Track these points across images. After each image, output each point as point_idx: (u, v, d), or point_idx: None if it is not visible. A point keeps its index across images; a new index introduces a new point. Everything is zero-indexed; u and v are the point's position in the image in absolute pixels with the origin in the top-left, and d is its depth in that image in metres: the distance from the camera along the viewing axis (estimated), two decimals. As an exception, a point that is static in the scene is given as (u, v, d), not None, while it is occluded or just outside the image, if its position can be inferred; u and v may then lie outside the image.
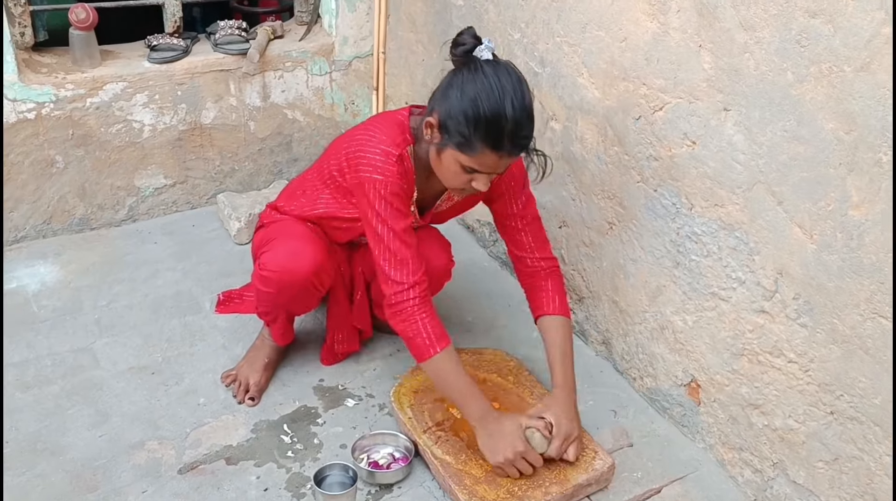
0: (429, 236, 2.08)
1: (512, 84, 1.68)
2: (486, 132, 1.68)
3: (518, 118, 1.67)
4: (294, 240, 1.99)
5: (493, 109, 1.66)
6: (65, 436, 2.01)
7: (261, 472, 1.94)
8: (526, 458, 1.80)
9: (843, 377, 1.60)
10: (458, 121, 1.70)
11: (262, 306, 2.11)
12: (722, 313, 1.86)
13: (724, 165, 1.75)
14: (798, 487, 1.76)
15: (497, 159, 1.72)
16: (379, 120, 1.95)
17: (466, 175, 1.77)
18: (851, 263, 1.52)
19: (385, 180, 1.81)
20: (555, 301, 2.00)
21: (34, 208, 2.68)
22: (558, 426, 1.84)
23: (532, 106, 1.71)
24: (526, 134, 1.72)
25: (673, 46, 1.80)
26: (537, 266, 2.03)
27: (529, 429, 1.84)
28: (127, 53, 2.77)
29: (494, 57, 1.74)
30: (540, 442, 1.83)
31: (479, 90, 1.67)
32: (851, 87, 1.44)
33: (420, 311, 1.83)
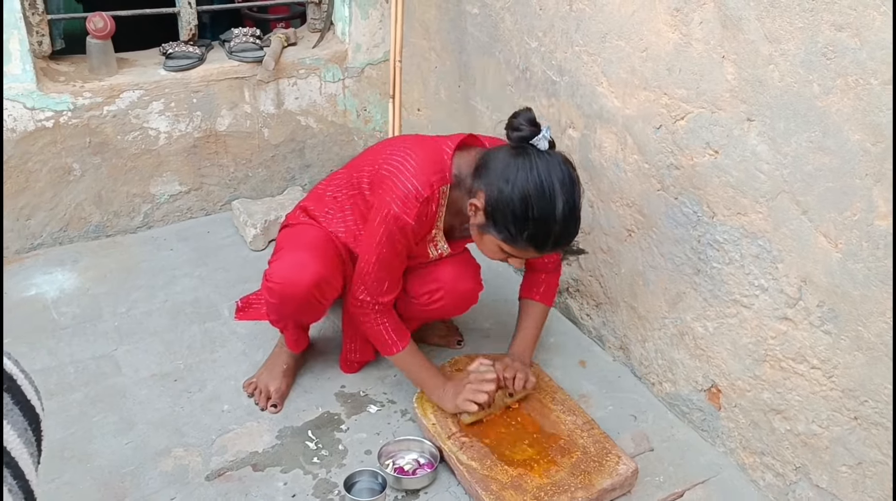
0: (459, 260, 2.11)
1: (564, 186, 1.71)
2: (531, 234, 1.73)
3: (567, 224, 1.73)
4: (301, 251, 2.00)
5: (542, 213, 1.70)
6: (91, 444, 2.02)
7: (287, 478, 1.96)
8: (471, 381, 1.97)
9: (867, 383, 1.63)
10: (506, 215, 1.73)
11: (271, 314, 2.14)
12: (744, 319, 1.89)
13: (747, 174, 1.77)
14: (821, 491, 1.79)
15: (537, 254, 1.81)
16: (421, 147, 1.91)
17: (503, 254, 1.84)
18: (878, 271, 1.55)
19: (399, 215, 1.84)
20: (541, 289, 2.16)
21: (51, 215, 2.70)
22: (501, 360, 2.07)
23: (580, 208, 1.76)
24: (571, 236, 1.79)
25: (695, 57, 1.83)
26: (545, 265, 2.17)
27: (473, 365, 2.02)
28: (142, 61, 2.78)
29: (552, 145, 1.76)
30: (487, 369, 2.00)
31: (530, 190, 1.69)
32: (878, 99, 1.47)
33: (381, 317, 2.00)
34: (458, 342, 2.42)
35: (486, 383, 1.96)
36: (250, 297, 2.49)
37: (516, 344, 2.16)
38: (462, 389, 1.97)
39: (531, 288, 2.18)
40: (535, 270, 2.18)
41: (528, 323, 2.17)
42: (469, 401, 1.95)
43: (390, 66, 2.65)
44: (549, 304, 2.19)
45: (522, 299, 2.20)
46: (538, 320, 2.18)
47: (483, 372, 1.99)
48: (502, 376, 2.02)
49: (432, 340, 2.39)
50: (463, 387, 1.97)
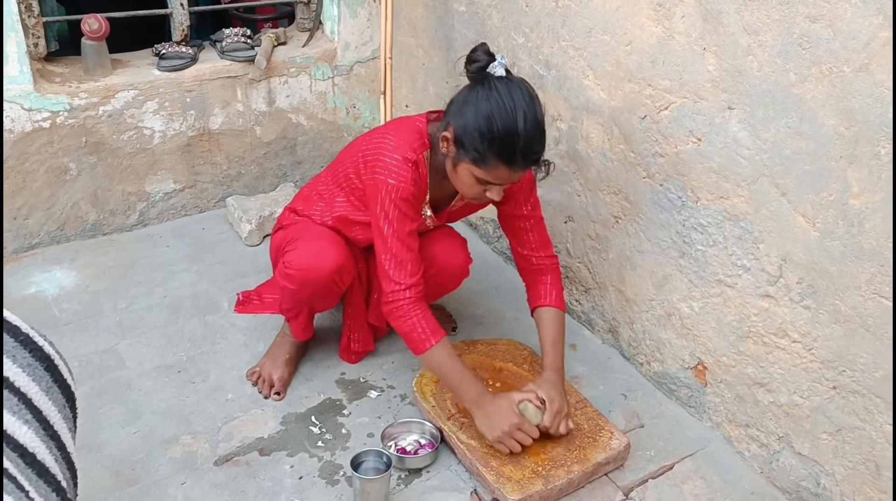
0: (447, 234, 2.18)
1: (524, 101, 1.78)
2: (499, 149, 1.78)
3: (530, 134, 1.78)
4: (318, 240, 2.08)
5: (505, 126, 1.76)
6: (100, 434, 2.08)
7: (294, 461, 2.02)
8: (522, 429, 1.90)
9: (845, 353, 1.73)
10: (473, 137, 1.80)
11: (286, 302, 2.19)
12: (728, 298, 1.98)
13: (729, 159, 1.87)
14: (803, 458, 1.89)
15: (510, 173, 1.84)
16: (396, 125, 2.04)
17: (481, 186, 1.88)
18: (853, 248, 1.65)
19: (398, 185, 1.91)
20: (552, 295, 2.12)
21: (48, 214, 2.74)
22: (550, 400, 1.95)
23: (543, 121, 1.82)
24: (537, 149, 1.83)
25: (678, 50, 1.92)
26: (541, 264, 2.13)
27: (522, 403, 1.94)
28: (136, 62, 2.83)
29: (508, 73, 1.84)
30: (534, 413, 1.94)
31: (492, 108, 1.77)
32: (851, 86, 1.56)
33: (414, 308, 1.94)
34: (452, 328, 2.50)
35: (525, 437, 1.91)
36: (250, 292, 2.56)
37: (548, 361, 2.06)
38: (501, 420, 1.90)
39: (539, 294, 2.13)
40: (535, 272, 2.14)
41: (552, 335, 2.08)
42: (503, 445, 1.91)
43: (381, 63, 2.73)
44: (562, 308, 2.12)
45: (535, 310, 2.13)
46: (560, 328, 2.10)
47: (529, 417, 1.92)
48: (547, 425, 1.94)
49: (428, 327, 2.47)
50: (504, 421, 1.90)
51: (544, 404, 1.95)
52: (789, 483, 1.94)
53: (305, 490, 1.94)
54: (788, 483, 1.95)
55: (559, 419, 1.96)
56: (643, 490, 1.98)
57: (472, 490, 1.95)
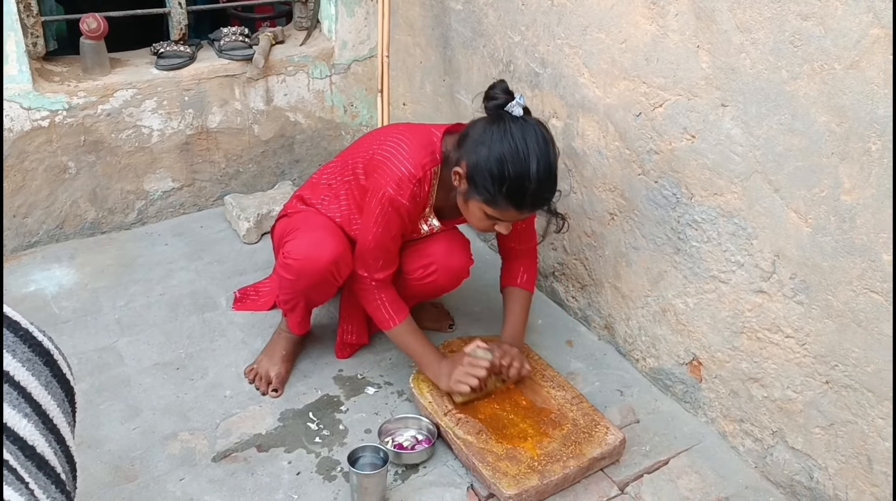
0: (450, 237, 2.20)
1: (538, 146, 1.81)
2: (509, 192, 1.83)
3: (541, 181, 1.82)
4: (317, 231, 2.11)
5: (517, 171, 1.80)
6: (100, 430, 2.09)
7: (291, 457, 2.04)
8: (472, 364, 2.04)
9: (837, 348, 1.75)
10: (485, 178, 1.84)
11: (284, 293, 2.21)
12: (722, 294, 2.00)
13: (722, 156, 1.89)
14: (796, 452, 1.91)
15: (518, 214, 1.90)
16: (413, 133, 2.05)
17: (490, 221, 1.94)
18: (844, 243, 1.66)
19: (395, 197, 1.96)
20: (522, 277, 2.25)
21: (47, 213, 2.75)
22: (499, 345, 2.14)
23: (556, 167, 1.86)
24: (548, 195, 1.88)
25: (672, 47, 1.94)
26: (519, 250, 2.26)
27: (471, 349, 2.08)
28: (134, 61, 2.85)
29: (526, 112, 1.87)
30: (483, 353, 2.07)
31: (505, 151, 1.81)
32: (842, 83, 1.58)
33: (379, 292, 2.11)
34: (449, 325, 2.51)
35: (478, 368, 2.04)
36: (247, 289, 2.58)
37: (507, 330, 2.22)
38: (455, 369, 2.06)
39: (513, 277, 2.26)
40: (513, 257, 2.27)
41: (515, 309, 2.24)
42: (461, 383, 2.04)
43: (378, 61, 2.74)
44: (531, 290, 2.26)
45: (505, 287, 2.28)
46: (524, 305, 2.25)
47: (479, 357, 2.06)
48: (499, 362, 2.09)
49: (425, 324, 2.48)
50: (456, 368, 2.06)
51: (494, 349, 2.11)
52: (783, 477, 1.96)
53: (303, 486, 1.96)
54: (782, 477, 1.96)
55: (508, 358, 2.09)
56: (638, 484, 1.99)
57: (468, 485, 1.97)
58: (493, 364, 2.07)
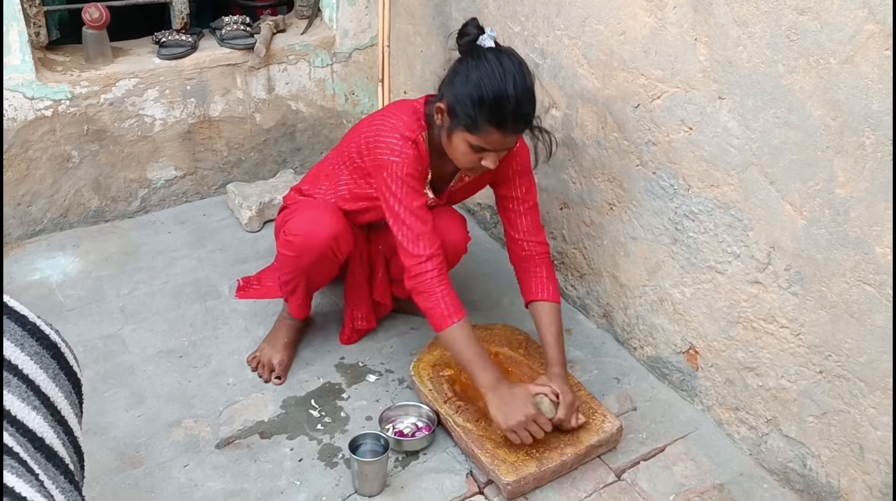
0: (445, 212, 2.22)
1: (513, 67, 1.84)
2: (490, 112, 1.83)
3: (519, 97, 1.83)
4: (316, 209, 2.15)
5: (495, 90, 1.82)
6: (105, 417, 2.13)
7: (294, 444, 2.07)
8: (537, 421, 1.92)
9: (830, 339, 1.77)
10: (465, 104, 1.85)
11: (285, 273, 2.23)
12: (718, 284, 2.02)
13: (719, 148, 1.90)
14: (790, 440, 1.94)
15: (502, 137, 1.88)
16: (396, 107, 2.10)
17: (476, 154, 1.92)
18: (838, 236, 1.68)
19: (401, 162, 1.96)
20: (548, 289, 2.13)
21: (51, 201, 2.78)
22: (564, 394, 1.98)
23: (533, 86, 1.87)
24: (528, 111, 1.88)
25: (670, 40, 1.95)
26: (532, 251, 2.16)
27: (538, 396, 1.97)
28: (136, 50, 2.86)
29: (497, 45, 1.89)
30: (549, 407, 1.96)
31: (482, 74, 1.83)
32: (837, 77, 1.60)
33: (439, 284, 1.97)
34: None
35: (539, 430, 1.92)
36: (250, 277, 2.61)
37: (550, 356, 2.08)
38: (517, 410, 1.91)
39: (535, 288, 2.14)
40: (527, 264, 2.16)
41: (551, 329, 2.09)
42: (516, 434, 1.91)
43: (378, 50, 2.75)
44: (558, 301, 2.13)
45: (531, 303, 2.14)
46: (559, 325, 2.11)
47: (544, 411, 1.95)
48: (559, 420, 1.97)
49: (425, 313, 2.51)
50: (520, 411, 1.90)
51: (558, 398, 1.98)
52: (777, 464, 1.99)
53: (305, 472, 1.99)
54: (776, 464, 2.00)
55: (571, 412, 1.99)
56: (635, 471, 2.02)
57: (467, 471, 2.00)
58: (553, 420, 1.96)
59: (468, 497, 1.95)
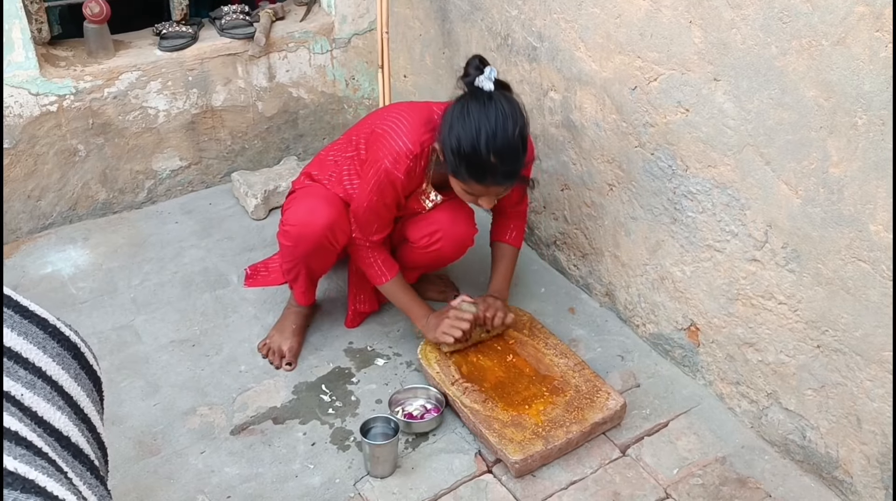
0: (456, 206, 2.26)
1: (493, 122, 1.85)
2: (468, 168, 1.90)
3: (497, 155, 1.86)
4: (313, 198, 2.20)
5: (469, 147, 1.87)
6: (122, 407, 2.19)
7: (306, 428, 2.13)
8: (457, 317, 2.17)
9: (827, 314, 1.82)
10: (448, 153, 1.93)
11: (285, 262, 2.29)
12: (717, 262, 2.06)
13: (715, 129, 1.93)
14: (790, 413, 1.99)
15: (485, 188, 1.95)
16: (414, 111, 2.12)
17: (469, 195, 2.01)
18: (833, 214, 1.72)
19: (391, 170, 2.03)
20: (512, 233, 2.35)
21: (59, 195, 2.82)
22: (483, 299, 2.26)
23: (518, 139, 1.88)
24: (508, 168, 1.90)
25: (665, 23, 1.97)
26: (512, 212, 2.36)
27: (456, 301, 2.24)
28: (137, 42, 2.88)
29: (500, 84, 1.91)
30: (468, 306, 2.21)
31: (461, 128, 1.88)
32: (829, 59, 1.62)
33: (372, 252, 2.22)
34: (453, 296, 2.58)
35: (462, 321, 2.17)
36: (258, 265, 2.65)
37: (494, 284, 2.34)
38: (442, 322, 2.19)
39: (501, 233, 2.36)
40: (502, 215, 2.36)
41: (502, 264, 2.36)
42: (446, 334, 2.17)
43: (377, 36, 2.77)
44: (518, 246, 2.37)
45: (493, 243, 2.39)
46: (510, 261, 2.37)
47: (464, 310, 2.20)
48: (483, 314, 2.21)
49: (429, 294, 2.56)
50: (443, 320, 2.19)
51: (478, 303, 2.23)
52: (777, 436, 2.04)
53: (318, 456, 2.05)
54: (777, 436, 2.05)
55: (493, 310, 2.20)
56: (639, 446, 2.08)
57: (476, 451, 2.06)
58: (476, 316, 2.20)
59: (477, 476, 2.01)
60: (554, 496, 1.96)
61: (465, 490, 1.97)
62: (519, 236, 2.37)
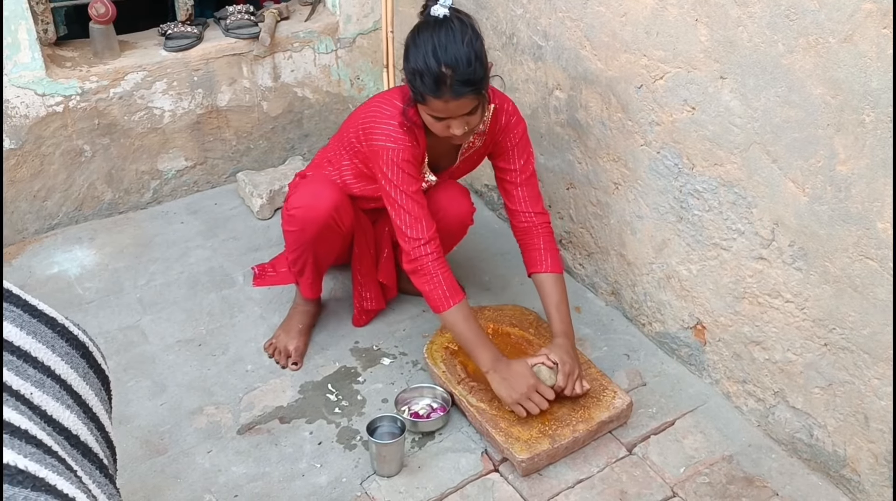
0: (448, 185, 2.26)
1: (448, 35, 1.85)
2: (422, 84, 1.87)
3: (449, 65, 1.83)
4: (316, 183, 2.21)
5: (422, 63, 1.86)
6: (129, 407, 2.19)
7: (313, 428, 2.13)
8: (538, 390, 1.97)
9: (835, 312, 1.81)
10: (410, 79, 1.92)
11: (291, 251, 2.27)
12: (724, 261, 2.06)
13: (722, 128, 1.93)
14: (797, 411, 1.98)
15: (445, 104, 1.89)
16: (390, 93, 2.14)
17: (440, 123, 1.95)
18: (840, 212, 1.72)
19: (397, 148, 2.01)
20: (547, 260, 2.16)
21: (66, 195, 2.83)
22: (563, 363, 2.03)
23: (467, 50, 1.84)
24: (461, 78, 1.85)
25: (671, 21, 1.97)
26: (530, 222, 2.19)
27: (536, 366, 2.03)
28: (143, 43, 2.89)
29: (454, 11, 1.90)
30: (548, 375, 2.02)
31: (414, 48, 1.89)
32: (836, 56, 1.62)
33: (437, 267, 2.02)
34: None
35: (543, 400, 1.98)
36: (265, 265, 2.65)
37: (555, 326, 2.12)
38: (518, 384, 1.98)
39: (535, 260, 2.17)
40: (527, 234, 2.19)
41: (552, 299, 2.14)
42: (521, 407, 1.98)
43: (382, 35, 2.78)
44: (559, 271, 2.16)
45: (533, 275, 2.19)
46: (562, 294, 2.15)
47: (543, 379, 2.01)
48: (561, 386, 2.02)
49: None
50: (517, 380, 1.98)
51: (557, 366, 2.03)
52: (784, 435, 2.04)
53: (325, 455, 2.05)
54: (784, 435, 2.04)
55: (572, 379, 2.03)
56: (646, 445, 2.08)
57: (482, 450, 2.06)
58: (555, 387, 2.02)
59: (484, 475, 2.00)
60: (560, 494, 1.96)
61: (472, 488, 1.97)
62: (555, 259, 2.16)
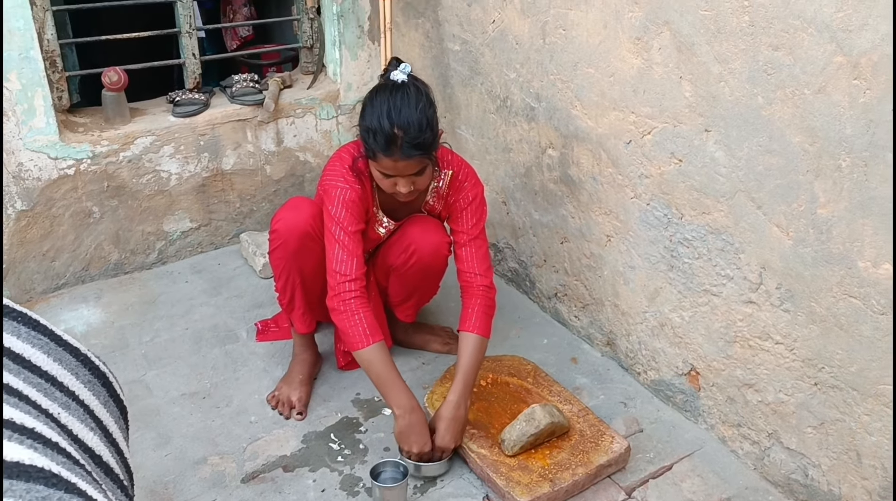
0: (420, 219, 2.33)
1: (399, 100, 1.98)
2: (374, 141, 1.99)
3: (402, 127, 1.95)
4: (296, 200, 2.32)
5: (376, 122, 1.98)
6: (134, 457, 2.21)
7: (316, 476, 2.16)
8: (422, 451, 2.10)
9: (822, 352, 1.88)
10: (364, 135, 2.04)
11: (278, 277, 2.34)
12: (714, 306, 2.13)
13: (708, 177, 2.03)
14: (791, 452, 2.03)
15: (394, 163, 2.01)
16: (349, 146, 2.28)
17: (388, 180, 2.07)
18: (823, 253, 1.80)
19: (345, 188, 2.14)
20: (475, 321, 2.22)
21: (73, 256, 2.90)
22: (441, 438, 2.11)
23: (420, 116, 1.97)
24: (411, 141, 1.97)
25: (657, 79, 2.09)
26: (472, 282, 2.26)
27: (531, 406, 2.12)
28: (152, 109, 3.01)
29: (412, 79, 2.04)
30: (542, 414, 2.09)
31: (370, 108, 2.02)
32: (812, 106, 1.73)
33: (359, 305, 2.12)
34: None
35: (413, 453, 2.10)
36: (268, 321, 2.72)
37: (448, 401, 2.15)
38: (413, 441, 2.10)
39: (465, 318, 2.24)
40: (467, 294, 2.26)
41: (464, 363, 2.19)
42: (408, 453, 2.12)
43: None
44: (483, 334, 2.22)
45: (460, 333, 2.24)
46: (473, 356, 2.19)
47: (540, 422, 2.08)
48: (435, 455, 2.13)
49: (433, 347, 2.62)
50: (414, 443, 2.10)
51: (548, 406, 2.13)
52: (780, 476, 2.08)
53: (329, 501, 2.08)
54: (779, 476, 2.08)
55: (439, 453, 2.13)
56: (644, 489, 2.11)
57: (483, 495, 2.09)
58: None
59: (486, 519, 2.03)
60: (562, 538, 1.98)
61: (475, 533, 1.99)
62: (483, 322, 2.22)
